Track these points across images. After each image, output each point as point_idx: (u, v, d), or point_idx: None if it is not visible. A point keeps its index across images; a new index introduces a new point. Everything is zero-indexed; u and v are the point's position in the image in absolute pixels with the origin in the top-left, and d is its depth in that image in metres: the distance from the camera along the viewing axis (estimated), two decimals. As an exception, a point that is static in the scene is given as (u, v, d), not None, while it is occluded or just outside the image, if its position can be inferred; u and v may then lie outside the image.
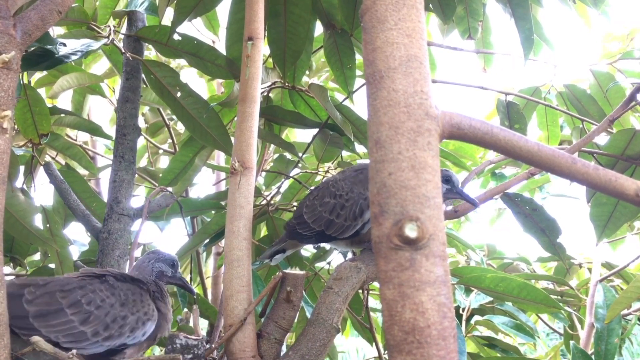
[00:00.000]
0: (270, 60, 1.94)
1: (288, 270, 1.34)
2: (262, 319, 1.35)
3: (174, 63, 2.92)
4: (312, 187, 1.88)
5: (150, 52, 2.68)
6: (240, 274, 1.27)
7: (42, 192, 2.15)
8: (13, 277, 2.13)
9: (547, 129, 2.28)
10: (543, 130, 2.30)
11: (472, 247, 2.23)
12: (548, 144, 2.30)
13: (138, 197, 2.18)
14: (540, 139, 2.33)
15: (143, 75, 2.02)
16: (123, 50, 1.93)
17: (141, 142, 2.88)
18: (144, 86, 2.09)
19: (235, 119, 1.52)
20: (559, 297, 2.39)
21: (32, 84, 2.09)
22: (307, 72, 2.24)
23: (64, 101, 2.59)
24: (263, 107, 1.93)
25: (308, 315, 1.70)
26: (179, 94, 1.84)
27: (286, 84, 2.01)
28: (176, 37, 1.86)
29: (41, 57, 1.68)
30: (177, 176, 2.01)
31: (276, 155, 2.35)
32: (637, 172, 1.62)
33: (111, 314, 1.19)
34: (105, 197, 2.34)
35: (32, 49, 1.71)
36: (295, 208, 2.21)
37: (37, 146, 2.05)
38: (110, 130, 2.79)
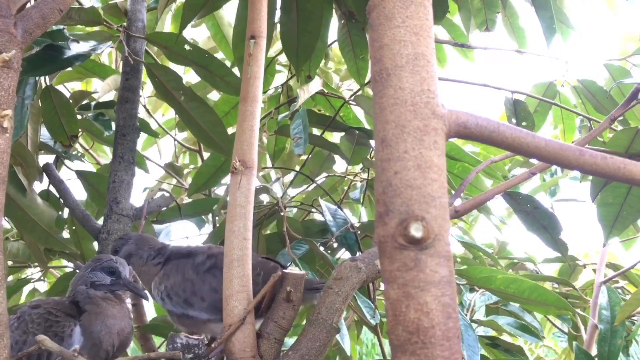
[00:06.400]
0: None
1: (288, 270, 1.33)
2: (262, 319, 1.34)
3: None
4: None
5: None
6: (240, 273, 1.26)
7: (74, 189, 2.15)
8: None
9: (562, 122, 2.30)
10: (559, 123, 2.32)
11: (476, 247, 2.21)
12: (564, 137, 2.32)
13: (165, 192, 2.18)
14: (557, 133, 2.36)
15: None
16: (124, 51, 1.92)
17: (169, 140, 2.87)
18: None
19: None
20: (564, 299, 2.39)
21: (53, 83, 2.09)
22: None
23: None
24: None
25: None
26: (182, 98, 1.85)
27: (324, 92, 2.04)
28: (187, 46, 1.86)
29: (46, 60, 1.68)
30: (208, 181, 2.02)
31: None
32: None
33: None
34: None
35: (37, 49, 1.70)
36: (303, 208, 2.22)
37: (69, 148, 2.05)
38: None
